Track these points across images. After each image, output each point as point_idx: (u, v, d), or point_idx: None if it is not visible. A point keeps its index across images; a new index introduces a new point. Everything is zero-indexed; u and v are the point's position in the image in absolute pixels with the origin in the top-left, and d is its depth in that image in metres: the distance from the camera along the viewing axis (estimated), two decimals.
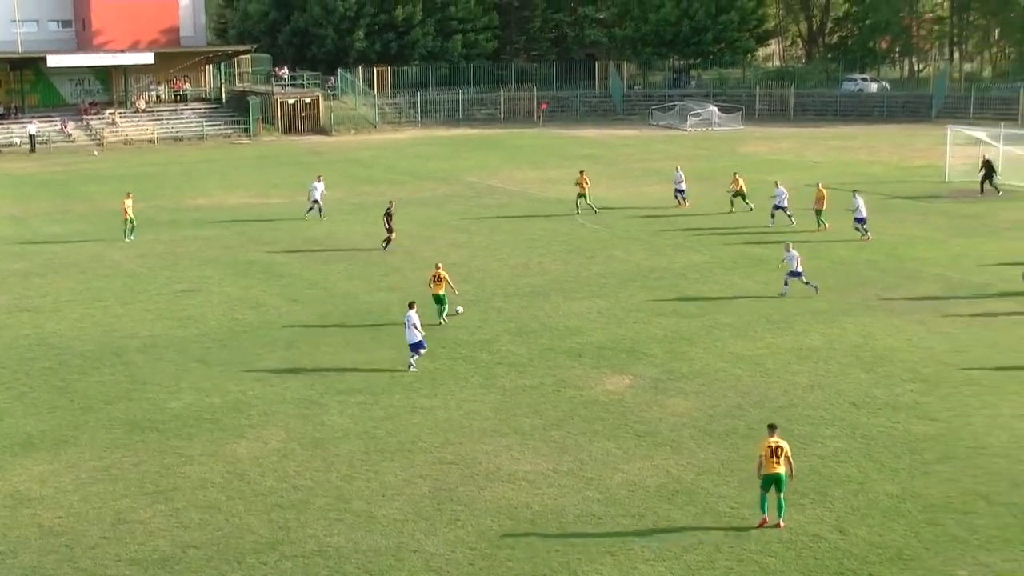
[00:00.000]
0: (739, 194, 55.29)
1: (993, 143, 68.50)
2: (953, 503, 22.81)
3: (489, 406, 28.53)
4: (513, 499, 23.17)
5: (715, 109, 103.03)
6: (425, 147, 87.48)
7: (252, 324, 36.33)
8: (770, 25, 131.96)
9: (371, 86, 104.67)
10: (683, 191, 57.28)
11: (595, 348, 33.33)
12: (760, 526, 21.89)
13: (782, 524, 21.95)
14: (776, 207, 51.45)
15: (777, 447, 21.94)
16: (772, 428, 22.37)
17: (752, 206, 54.68)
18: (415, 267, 44.07)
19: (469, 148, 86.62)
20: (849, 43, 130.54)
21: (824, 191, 50.81)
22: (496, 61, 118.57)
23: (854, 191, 50.05)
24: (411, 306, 31.63)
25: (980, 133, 70.80)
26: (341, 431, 26.91)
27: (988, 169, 60.10)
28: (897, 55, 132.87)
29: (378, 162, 77.70)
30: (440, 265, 36.47)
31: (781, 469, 21.82)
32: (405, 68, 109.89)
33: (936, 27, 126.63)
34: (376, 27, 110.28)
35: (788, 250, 39.62)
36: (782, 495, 21.94)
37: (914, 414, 27.69)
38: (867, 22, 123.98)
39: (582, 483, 23.89)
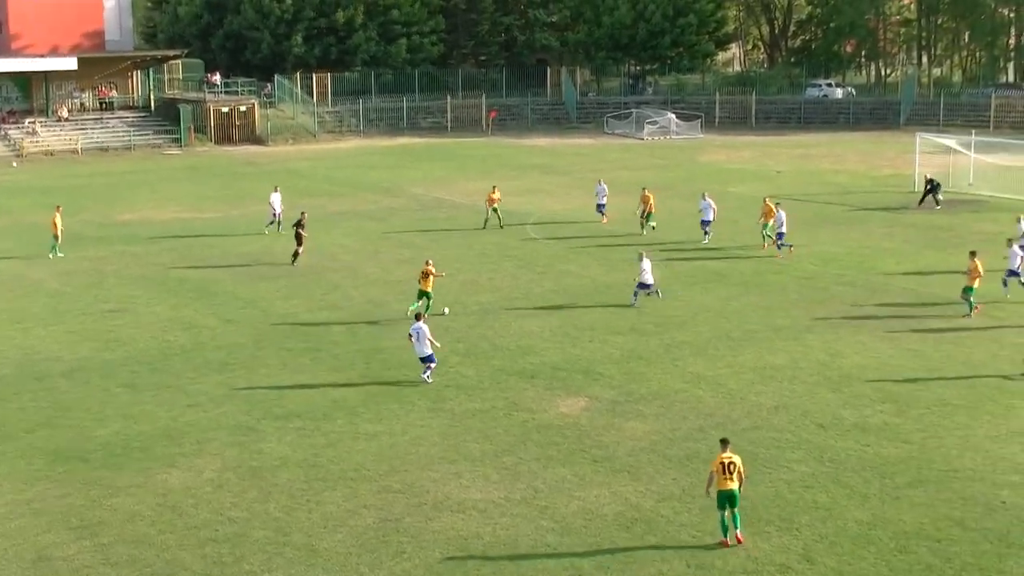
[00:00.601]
0: (647, 214, 53.49)
1: (964, 151, 69.32)
2: (926, 530, 22.98)
3: (437, 431, 28.45)
4: (463, 529, 23.10)
5: (673, 117, 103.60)
6: (368, 157, 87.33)
7: (184, 346, 36.07)
8: (730, 28, 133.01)
9: (310, 93, 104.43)
10: (603, 206, 56.86)
11: (549, 369, 33.33)
12: (722, 545, 22.25)
13: (740, 538, 22.35)
14: (703, 221, 51.31)
15: (730, 463, 22.41)
16: (724, 443, 22.80)
17: (655, 225, 53.78)
18: (358, 284, 43.94)
19: (414, 158, 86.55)
20: (813, 47, 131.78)
21: (771, 205, 51.00)
22: (442, 67, 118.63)
23: (776, 203, 50.16)
24: (418, 318, 32.34)
25: (950, 141, 71.66)
26: (280, 459, 26.74)
27: (933, 187, 60.80)
28: (863, 59, 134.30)
29: (318, 173, 77.48)
30: (430, 261, 39.33)
31: (735, 485, 22.30)
32: (346, 74, 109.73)
33: (903, 30, 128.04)
34: (315, 31, 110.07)
35: (642, 259, 40.58)
36: (736, 509, 22.41)
37: (884, 436, 27.88)
38: (831, 25, 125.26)
39: (536, 512, 23.86)
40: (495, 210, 56.30)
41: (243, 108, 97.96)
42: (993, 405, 29.95)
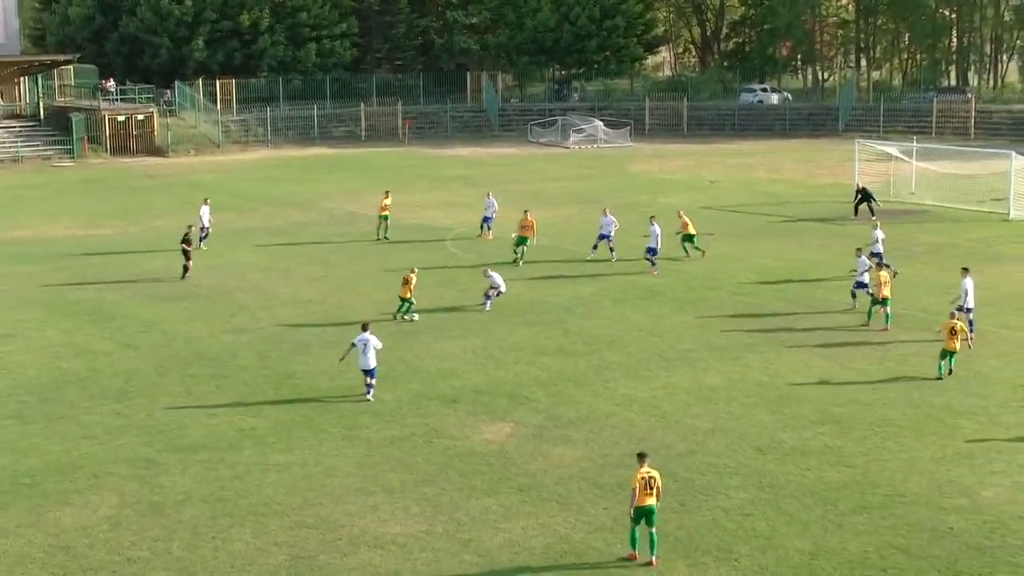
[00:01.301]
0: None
1: (905, 158, 70.29)
2: (870, 558, 23.18)
3: (352, 461, 28.30)
4: (381, 566, 22.99)
5: (601, 124, 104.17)
6: (276, 169, 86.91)
7: (78, 373, 35.62)
8: (659, 31, 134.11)
9: (214, 101, 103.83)
10: (490, 220, 56.80)
11: (471, 393, 33.29)
12: (628, 558, 22.79)
13: (655, 561, 22.68)
14: (601, 236, 51.30)
15: (651, 478, 23.04)
16: (642, 457, 23.46)
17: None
18: (267, 305, 43.66)
19: (326, 170, 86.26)
20: (747, 50, 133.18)
21: (686, 218, 51.48)
22: (355, 72, 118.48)
23: (651, 217, 50.40)
24: (365, 328, 32.77)
25: (891, 148, 72.64)
26: (183, 494, 26.46)
27: (864, 195, 61.59)
28: (799, 63, 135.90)
29: (223, 186, 76.93)
30: (416, 270, 42.05)
31: (654, 501, 22.95)
32: (252, 80, 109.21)
33: (841, 32, 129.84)
34: (218, 34, 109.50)
35: (488, 275, 42.43)
36: (654, 529, 22.91)
37: (825, 460, 28.12)
38: (766, 27, 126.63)
39: (459, 546, 23.80)
40: (384, 218, 56.78)
41: (141, 117, 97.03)
42: (939, 425, 30.32)
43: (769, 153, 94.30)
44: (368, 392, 32.85)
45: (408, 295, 40.95)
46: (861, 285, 41.86)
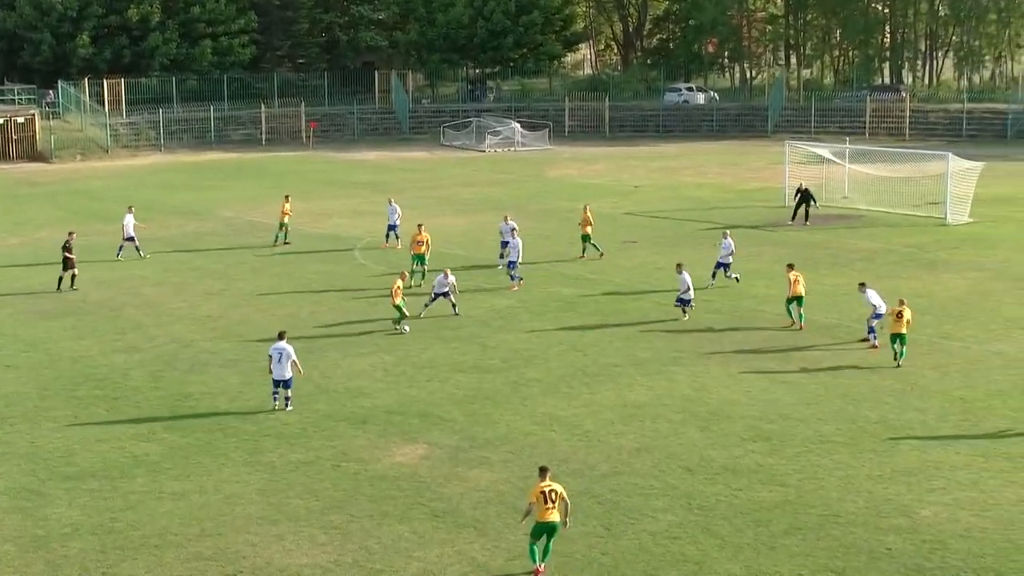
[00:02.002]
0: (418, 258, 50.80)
1: (838, 161, 71.05)
2: None
3: (255, 487, 28.12)
4: None
5: (518, 126, 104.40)
6: (170, 175, 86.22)
7: None
8: (579, 27, 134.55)
9: (101, 102, 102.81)
10: (396, 227, 56.92)
11: (382, 413, 33.21)
12: (535, 574, 23.09)
13: (542, 569, 23.31)
14: (504, 243, 51.69)
15: (551, 490, 23.37)
16: (543, 471, 23.82)
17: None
18: (161, 322, 43.30)
19: (224, 176, 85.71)
20: (671, 47, 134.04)
21: (590, 214, 52.34)
22: (255, 71, 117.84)
23: (512, 229, 50.34)
24: (281, 336, 33.41)
25: (823, 150, 73.39)
26: (70, 526, 26.15)
27: (804, 196, 62.19)
28: (726, 61, 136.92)
29: (112, 194, 76.15)
30: (406, 273, 43.13)
31: (557, 517, 23.35)
32: (143, 80, 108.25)
33: (770, 28, 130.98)
34: (105, 30, 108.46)
35: (447, 275, 43.25)
36: (552, 542, 23.49)
37: (757, 479, 28.33)
38: (691, 22, 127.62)
39: None
40: (283, 224, 57.58)
41: (21, 119, 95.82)
42: (875, 441, 30.65)
43: (695, 156, 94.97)
44: (287, 404, 33.34)
45: (399, 301, 41.31)
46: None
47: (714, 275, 47.57)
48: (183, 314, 44.55)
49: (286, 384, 33.63)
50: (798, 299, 41.68)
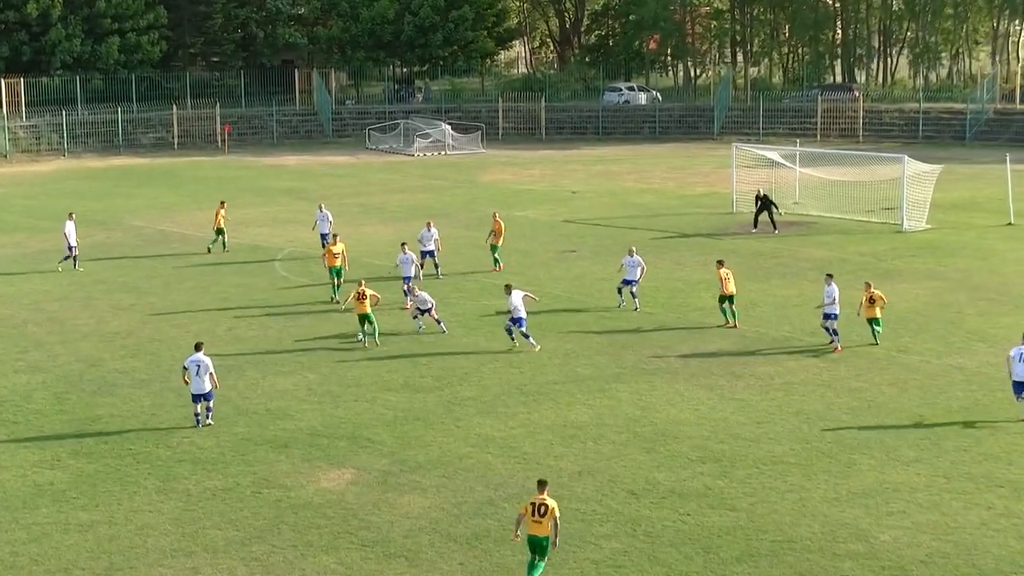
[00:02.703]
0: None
1: (788, 164, 71.50)
2: None
3: (168, 517, 27.92)
4: None
5: (449, 128, 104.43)
6: (75, 182, 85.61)
7: None
8: (512, 23, 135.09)
9: None
10: (327, 235, 56.70)
11: (306, 435, 33.07)
12: None
13: None
14: (423, 253, 51.97)
15: (541, 504, 23.89)
16: (542, 484, 24.41)
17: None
18: (65, 339, 42.95)
19: (134, 183, 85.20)
20: (610, 44, 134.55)
21: (501, 222, 52.64)
22: (166, 70, 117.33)
23: (403, 243, 49.73)
24: (198, 348, 33.83)
25: (772, 153, 73.82)
26: None
27: (765, 203, 62.59)
28: (669, 58, 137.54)
29: (11, 204, 75.59)
30: (363, 283, 42.01)
31: (545, 532, 23.84)
32: (44, 80, 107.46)
33: (715, 23, 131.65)
34: (1, 25, 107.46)
35: (415, 294, 44.04)
36: (543, 561, 23.91)
37: (706, 502, 28.41)
38: (631, 18, 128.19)
39: None
40: (220, 232, 58.47)
41: None
42: (830, 462, 30.81)
43: (637, 159, 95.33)
44: (207, 416, 33.77)
45: (367, 310, 41.50)
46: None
47: (620, 291, 46.84)
48: (90, 331, 44.20)
49: (206, 397, 33.82)
50: (730, 298, 43.59)
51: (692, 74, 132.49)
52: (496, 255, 53.50)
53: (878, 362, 38.87)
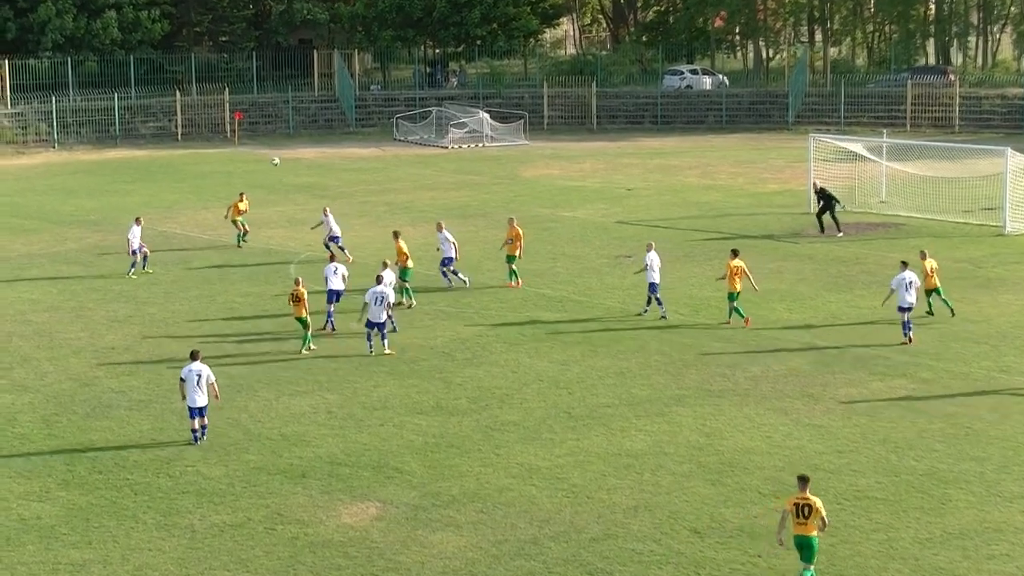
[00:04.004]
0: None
1: (873, 158, 71.11)
2: None
3: (171, 556, 28.01)
4: None
5: (487, 117, 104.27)
6: (67, 178, 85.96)
7: None
8: None
9: None
10: (339, 239, 57.40)
11: (325, 464, 33.13)
12: None
13: None
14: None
15: (805, 504, 25.46)
16: (803, 480, 25.92)
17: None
18: (56, 355, 43.13)
19: (132, 178, 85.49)
20: (671, 21, 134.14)
21: (519, 229, 51.96)
22: (168, 51, 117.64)
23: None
24: (195, 357, 34.58)
25: (855, 145, 73.47)
26: None
27: (826, 199, 62.32)
28: (738, 37, 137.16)
29: None
30: (300, 281, 43.15)
31: (813, 532, 25.52)
32: (32, 62, 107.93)
33: None
34: None
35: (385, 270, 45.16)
36: (812, 568, 25.49)
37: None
38: None
39: None
40: (237, 222, 60.52)
41: None
42: (922, 497, 30.66)
43: (700, 152, 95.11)
44: (202, 434, 34.36)
45: (303, 313, 42.78)
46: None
47: (650, 300, 47.22)
48: (82, 345, 44.38)
49: (201, 412, 34.35)
50: (737, 295, 45.85)
51: (764, 55, 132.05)
52: (513, 267, 52.08)
53: (976, 384, 38.69)
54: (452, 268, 51.34)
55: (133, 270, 55.17)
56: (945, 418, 35.88)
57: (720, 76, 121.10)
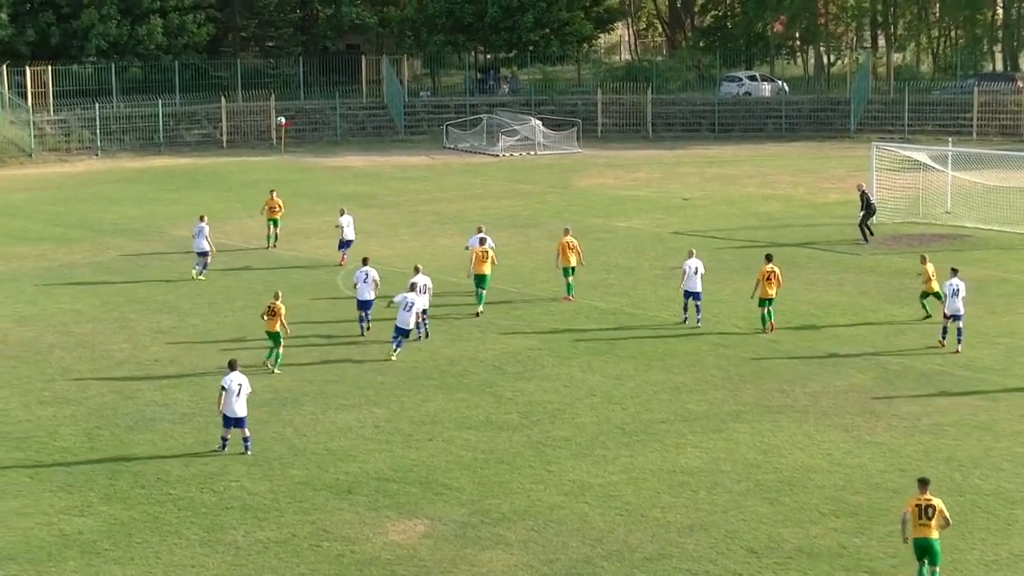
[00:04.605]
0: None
1: (938, 167, 70.84)
2: None
3: (214, 573, 28.10)
4: None
5: (539, 124, 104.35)
6: (109, 186, 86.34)
7: None
8: (615, 1, 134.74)
9: (23, 94, 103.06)
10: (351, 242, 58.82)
11: (372, 480, 33.19)
12: None
13: None
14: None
15: (928, 505, 26.40)
16: (923, 483, 26.98)
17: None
18: (97, 367, 43.34)
19: (176, 186, 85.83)
20: (729, 26, 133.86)
21: (574, 240, 51.84)
22: (214, 56, 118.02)
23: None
24: (233, 367, 35.20)
25: (919, 154, 73.18)
26: None
27: (865, 203, 62.48)
28: (798, 43, 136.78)
29: (37, 210, 76.37)
30: (279, 295, 43.33)
31: (933, 534, 26.30)
32: (75, 68, 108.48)
33: (852, 1, 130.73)
34: (28, 6, 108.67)
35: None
36: (937, 569, 26.36)
37: (840, 564, 28.24)
38: None
39: None
40: (274, 222, 62.74)
41: None
42: (988, 518, 30.53)
43: (759, 161, 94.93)
44: (245, 448, 34.62)
45: (277, 328, 42.77)
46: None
47: (687, 307, 48.21)
48: (125, 357, 44.57)
49: (238, 423, 34.67)
50: (770, 300, 46.69)
51: (825, 61, 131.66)
52: (569, 280, 51.83)
53: None
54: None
55: (200, 271, 56.96)
56: (1013, 436, 35.71)
57: (779, 82, 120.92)
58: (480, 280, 49.86)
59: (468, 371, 42.35)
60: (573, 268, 51.67)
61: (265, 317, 42.98)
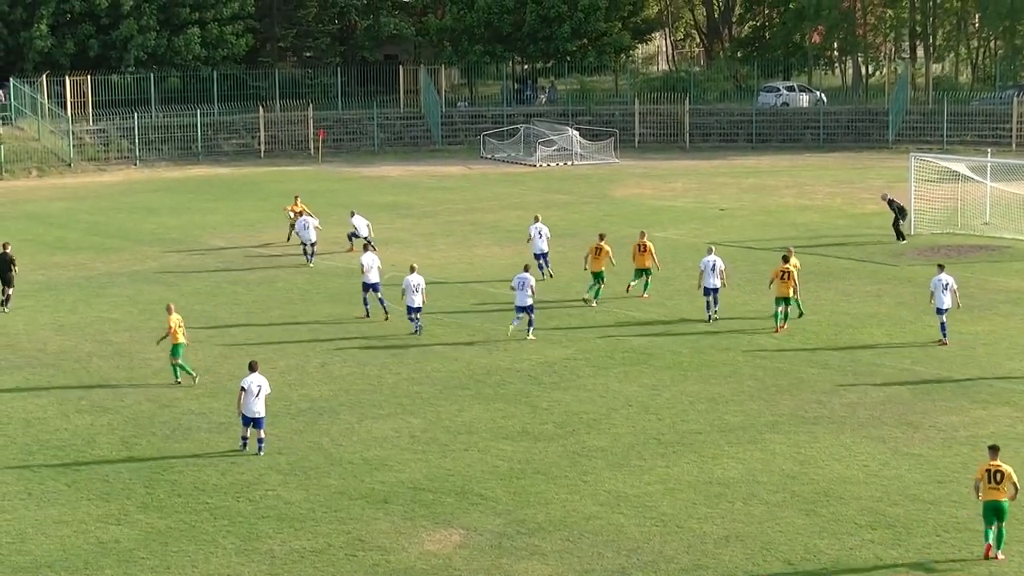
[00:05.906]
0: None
1: (977, 178, 70.57)
2: None
3: None
4: None
5: (576, 135, 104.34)
6: (148, 195, 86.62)
7: None
8: (652, 12, 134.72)
9: (62, 105, 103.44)
10: (357, 236, 60.21)
11: (408, 490, 33.21)
12: (986, 557, 28.17)
13: (1001, 556, 28.22)
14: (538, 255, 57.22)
15: (997, 471, 28.22)
16: (993, 450, 28.88)
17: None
18: (135, 377, 43.46)
19: (215, 196, 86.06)
20: (767, 36, 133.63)
21: (603, 245, 52.78)
22: (252, 67, 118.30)
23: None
24: (253, 368, 35.62)
25: (958, 165, 72.88)
26: None
27: (896, 210, 62.78)
28: (836, 53, 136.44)
29: (76, 219, 76.65)
30: (172, 307, 43.36)
31: (1004, 496, 28.17)
32: (114, 78, 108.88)
33: (890, 12, 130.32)
34: (67, 17, 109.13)
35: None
36: (1003, 524, 28.25)
37: None
38: (791, 6, 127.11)
39: None
40: (292, 226, 64.07)
41: None
42: None
43: (797, 171, 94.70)
44: (259, 448, 35.37)
45: (179, 341, 43.05)
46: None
47: (709, 305, 49.89)
48: (162, 366, 44.63)
49: (256, 423, 35.15)
50: (786, 300, 47.95)
51: (863, 72, 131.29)
52: (599, 285, 53.08)
53: None
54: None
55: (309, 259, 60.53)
56: None
57: (817, 93, 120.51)
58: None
59: (504, 381, 42.37)
60: (602, 274, 52.77)
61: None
